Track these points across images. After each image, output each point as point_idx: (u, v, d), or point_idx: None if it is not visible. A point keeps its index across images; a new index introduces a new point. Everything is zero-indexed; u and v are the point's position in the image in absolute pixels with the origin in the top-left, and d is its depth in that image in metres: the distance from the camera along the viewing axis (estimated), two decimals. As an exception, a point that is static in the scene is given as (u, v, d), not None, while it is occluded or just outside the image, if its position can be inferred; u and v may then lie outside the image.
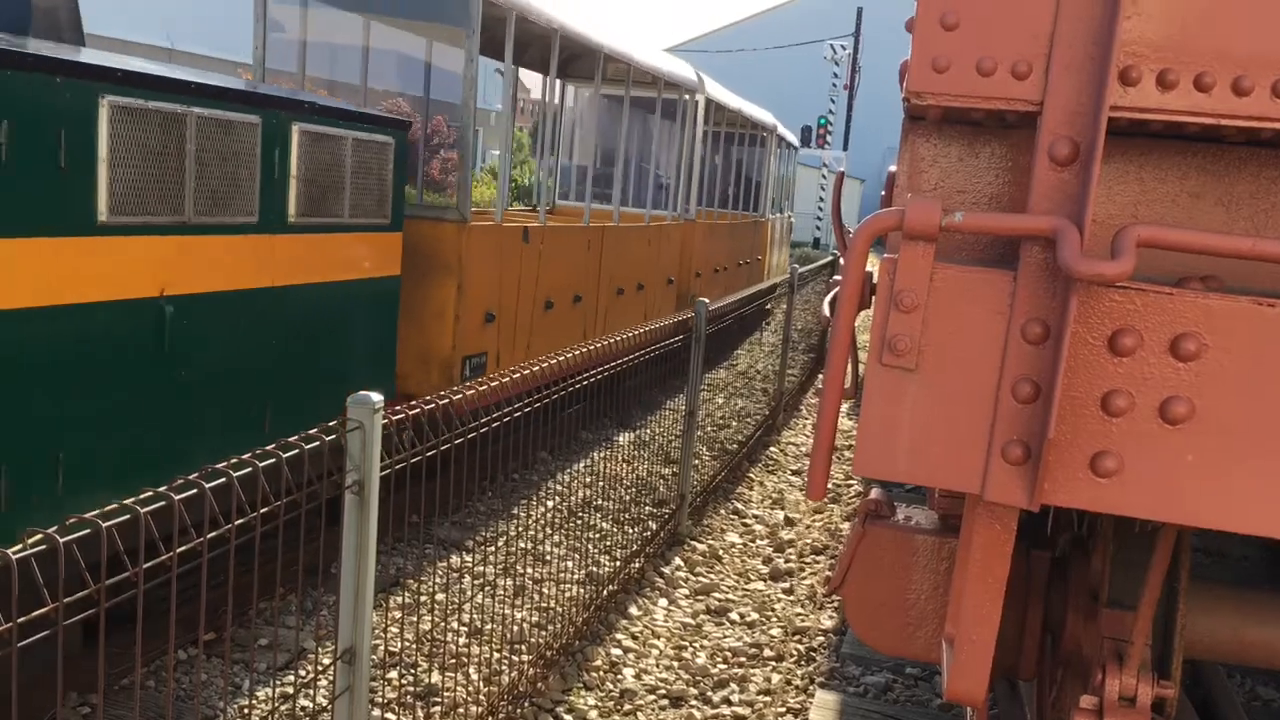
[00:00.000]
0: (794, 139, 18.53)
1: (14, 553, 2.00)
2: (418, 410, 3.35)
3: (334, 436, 2.96)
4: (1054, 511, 3.50)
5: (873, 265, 2.15)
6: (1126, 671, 2.63)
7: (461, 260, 6.94)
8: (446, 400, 3.57)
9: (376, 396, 3.02)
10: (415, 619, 4.93)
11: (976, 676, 2.33)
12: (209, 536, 2.49)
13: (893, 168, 4.51)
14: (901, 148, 2.21)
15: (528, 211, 9.35)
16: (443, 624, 4.75)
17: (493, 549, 5.65)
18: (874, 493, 3.35)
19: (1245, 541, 6.82)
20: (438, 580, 5.29)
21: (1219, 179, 2.12)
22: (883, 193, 4.08)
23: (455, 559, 6.01)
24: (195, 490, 2.43)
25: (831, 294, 3.71)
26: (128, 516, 2.23)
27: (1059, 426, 1.87)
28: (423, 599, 5.07)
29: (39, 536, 2.06)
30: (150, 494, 2.32)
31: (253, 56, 7.62)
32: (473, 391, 3.75)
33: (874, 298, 2.07)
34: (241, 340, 5.08)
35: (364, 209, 6.00)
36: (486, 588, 5.21)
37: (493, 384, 3.88)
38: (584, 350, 5.03)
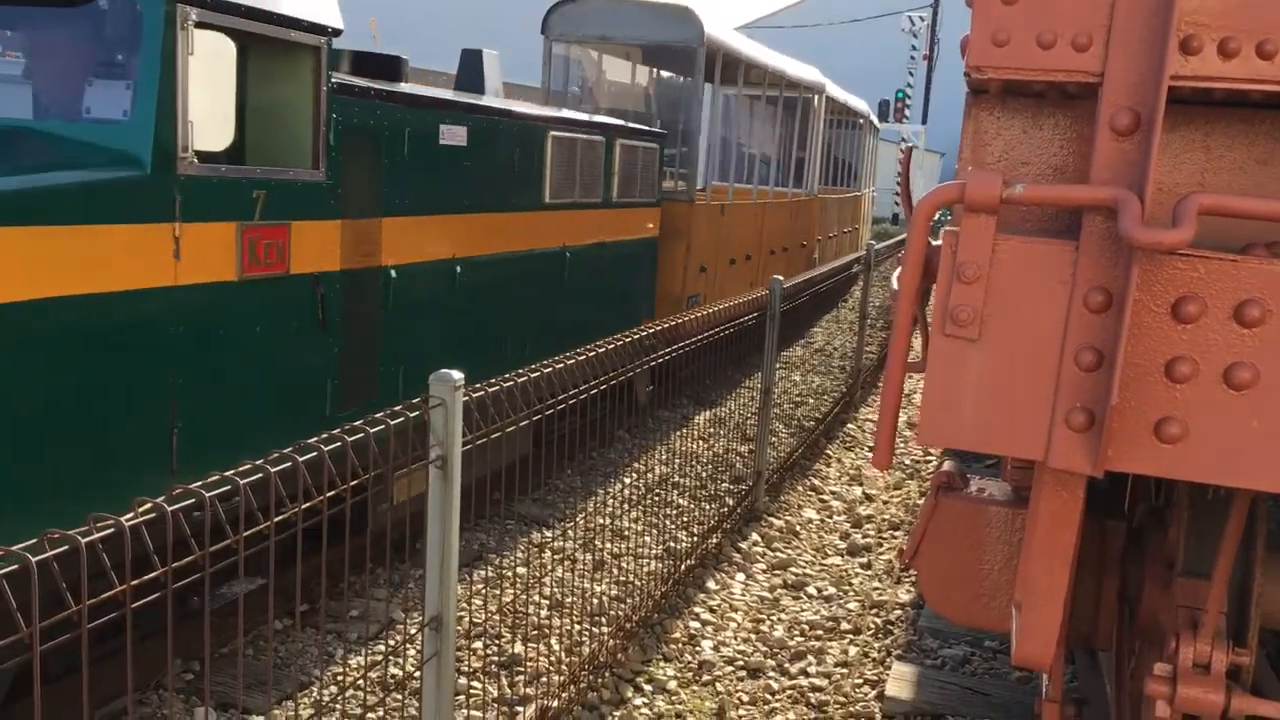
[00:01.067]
0: (875, 119, 19.93)
1: (127, 519, 2.14)
2: (497, 388, 3.46)
3: (418, 414, 3.07)
4: (1130, 483, 3.50)
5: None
6: (1201, 639, 2.64)
7: (690, 228, 9.76)
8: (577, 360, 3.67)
9: (457, 375, 3.14)
10: (499, 592, 5.08)
11: (1044, 641, 2.37)
12: (304, 506, 2.61)
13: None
14: (965, 121, 2.24)
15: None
16: (524, 596, 4.89)
17: (572, 525, 5.78)
18: (947, 465, 3.38)
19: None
20: (519, 555, 5.43)
21: None
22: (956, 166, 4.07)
23: (536, 535, 6.15)
24: (289, 464, 2.56)
25: (899, 269, 3.73)
26: (228, 488, 2.37)
27: (1122, 393, 1.90)
28: (505, 573, 5.21)
29: (148, 505, 2.21)
30: (248, 466, 2.46)
31: (542, 88, 10.59)
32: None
33: (939, 269, 2.11)
34: (593, 270, 8.05)
35: (645, 191, 8.98)
36: (566, 562, 5.34)
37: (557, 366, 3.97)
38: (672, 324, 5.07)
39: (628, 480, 6.46)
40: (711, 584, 5.88)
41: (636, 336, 4.80)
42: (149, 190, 4.03)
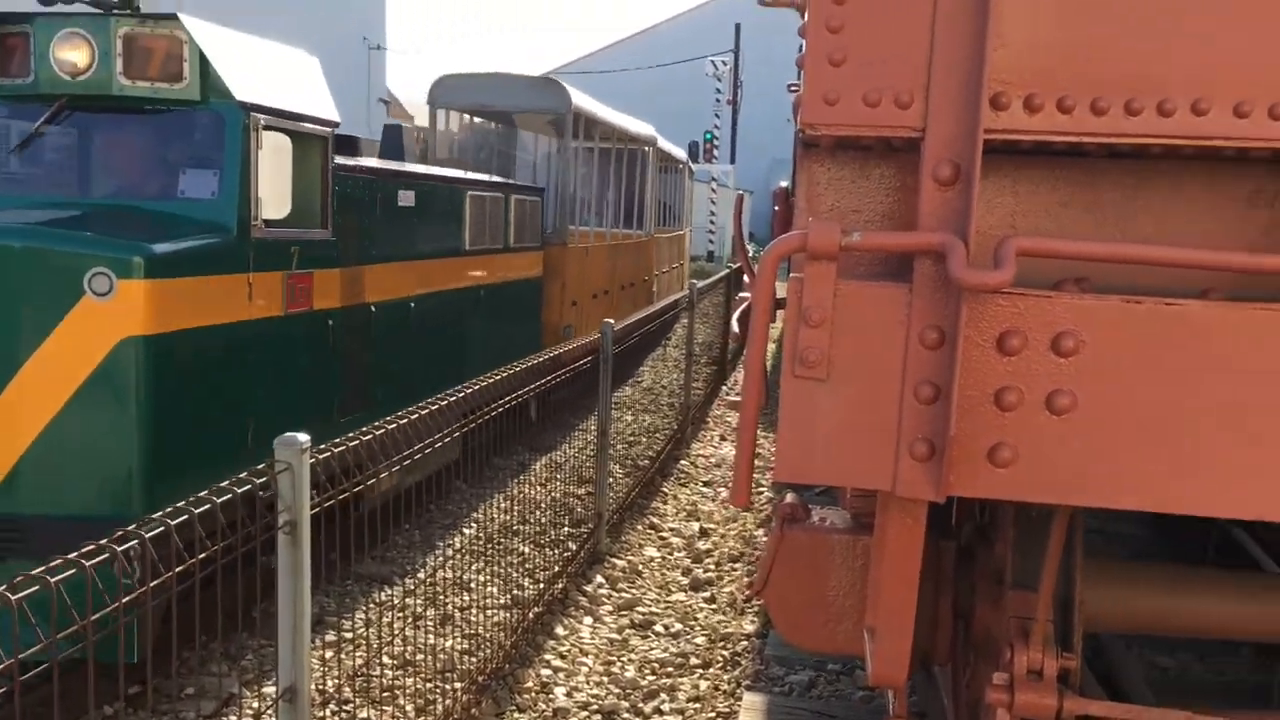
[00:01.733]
0: (689, 163, 21.24)
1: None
2: (343, 449, 3.41)
3: (264, 479, 3.00)
4: (957, 502, 3.71)
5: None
6: (1032, 648, 2.83)
7: (564, 268, 11.26)
8: (370, 436, 3.63)
9: (303, 437, 3.09)
10: (345, 656, 4.95)
11: (898, 661, 2.50)
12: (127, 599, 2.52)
13: (783, 183, 4.71)
14: (799, 173, 2.37)
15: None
16: (374, 659, 4.78)
17: (416, 581, 5.69)
18: (789, 497, 3.51)
19: (1133, 519, 7.20)
20: (364, 616, 5.31)
21: (1085, 189, 2.33)
22: (775, 207, 4.26)
23: (380, 594, 6.02)
24: (136, 541, 2.47)
25: (740, 310, 3.87)
26: (73, 571, 2.26)
27: (959, 423, 2.04)
28: (350, 635, 5.09)
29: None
30: (91, 548, 2.36)
31: (425, 151, 11.51)
32: (394, 426, 3.82)
33: (781, 313, 2.22)
34: (499, 304, 9.47)
35: (531, 238, 10.51)
36: (413, 620, 5.25)
37: (412, 417, 3.95)
38: (496, 379, 5.12)
39: (469, 531, 6.40)
40: (560, 629, 5.89)
41: (475, 388, 4.80)
42: (233, 250, 5.43)
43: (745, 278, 4.81)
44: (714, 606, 6.42)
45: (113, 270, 4.71)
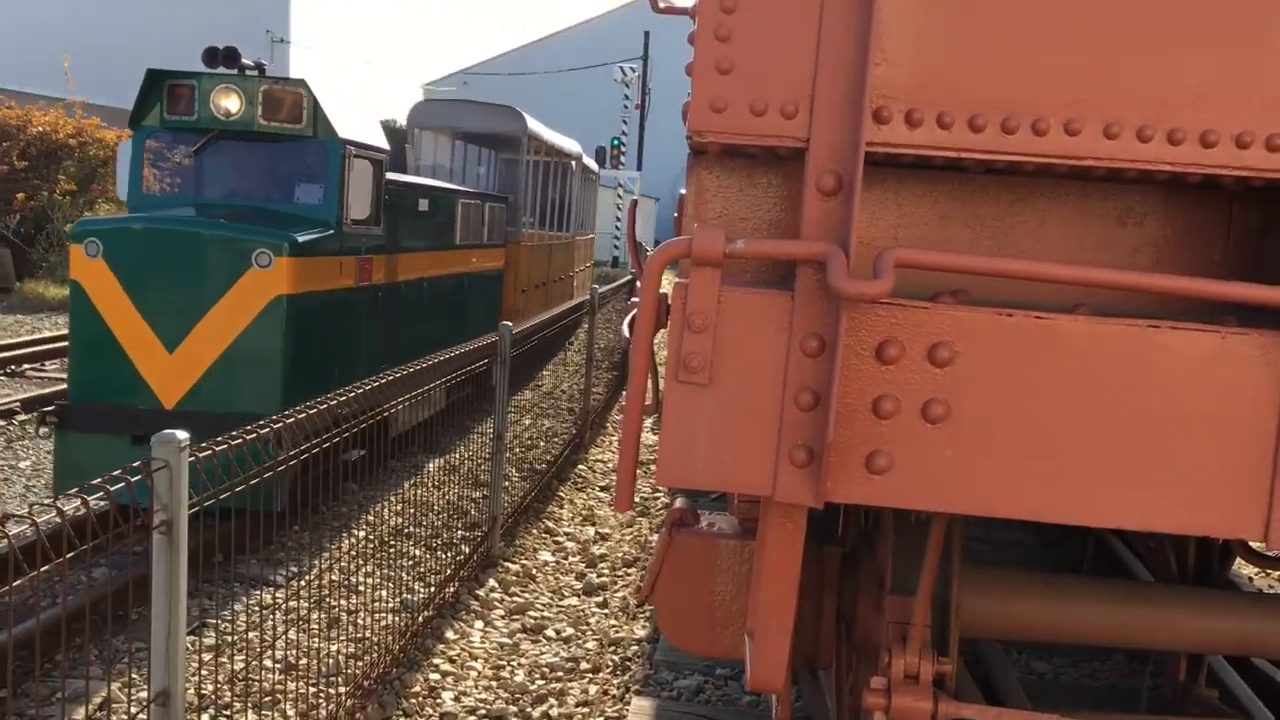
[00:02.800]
0: (597, 169, 22.91)
1: None
2: (225, 446, 3.33)
3: (139, 477, 2.92)
4: (843, 509, 3.77)
5: (668, 286, 2.32)
6: (910, 652, 2.88)
7: (518, 262, 13.53)
8: (267, 428, 3.55)
9: (182, 434, 3.00)
10: (226, 659, 4.82)
11: (776, 666, 2.53)
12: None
13: (684, 190, 4.73)
14: (688, 179, 2.39)
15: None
16: (255, 663, 4.67)
17: (303, 583, 5.57)
18: (678, 502, 3.53)
19: (1017, 527, 7.41)
20: (247, 619, 5.19)
21: (964, 204, 2.39)
22: (675, 214, 4.28)
23: (265, 596, 5.89)
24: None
25: (630, 315, 3.87)
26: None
27: (837, 430, 2.07)
28: (232, 639, 4.96)
29: None
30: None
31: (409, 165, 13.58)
32: (293, 419, 3.74)
33: (670, 318, 2.23)
34: (478, 287, 11.84)
35: (498, 236, 12.71)
36: (299, 623, 5.14)
37: (311, 411, 3.87)
38: (391, 379, 5.05)
39: (360, 534, 6.30)
40: (450, 633, 5.83)
41: (373, 386, 4.73)
42: (333, 240, 7.82)
43: (638, 283, 4.82)
44: (606, 611, 6.42)
45: (271, 250, 7.06)
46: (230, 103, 7.68)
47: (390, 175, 8.92)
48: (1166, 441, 2.05)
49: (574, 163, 17.46)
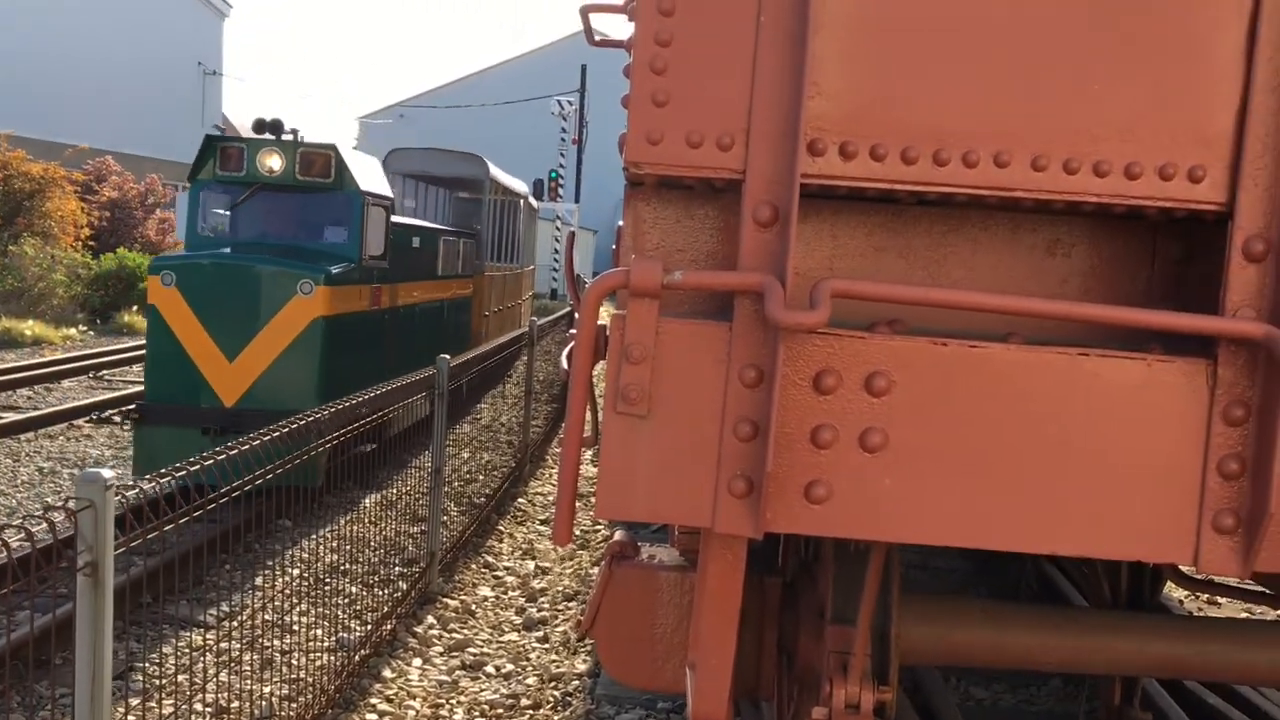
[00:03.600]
0: (535, 202, 24.21)
1: None
2: (154, 484, 3.25)
3: (64, 518, 2.83)
4: (783, 540, 3.77)
5: (606, 317, 2.31)
6: (850, 681, 2.89)
7: (482, 290, 15.32)
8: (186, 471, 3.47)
9: (109, 473, 2.93)
10: (155, 704, 4.69)
11: (717, 697, 2.51)
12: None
13: (622, 222, 4.73)
14: (625, 211, 2.39)
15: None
16: (185, 707, 4.54)
17: (235, 623, 5.44)
18: (618, 535, 3.51)
19: (954, 554, 7.48)
20: (176, 662, 5.05)
21: (898, 235, 2.42)
22: (613, 246, 4.28)
23: (196, 637, 5.74)
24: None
25: (569, 348, 3.86)
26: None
27: (776, 460, 2.07)
28: (161, 682, 4.83)
29: None
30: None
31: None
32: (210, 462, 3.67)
33: (608, 349, 2.23)
34: (453, 312, 13.29)
35: (469, 268, 14.39)
36: (231, 664, 5.02)
37: (243, 449, 3.80)
38: (330, 410, 4.98)
39: (295, 571, 6.18)
40: (388, 672, 5.72)
41: (307, 421, 4.66)
42: (355, 272, 9.48)
43: (576, 315, 4.82)
44: (547, 646, 6.35)
45: (313, 281, 8.77)
46: (273, 161, 9.47)
47: (398, 218, 11.17)
48: (1097, 468, 2.08)
49: (521, 200, 19.15)
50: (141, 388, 9.67)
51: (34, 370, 15.02)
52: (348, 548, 6.03)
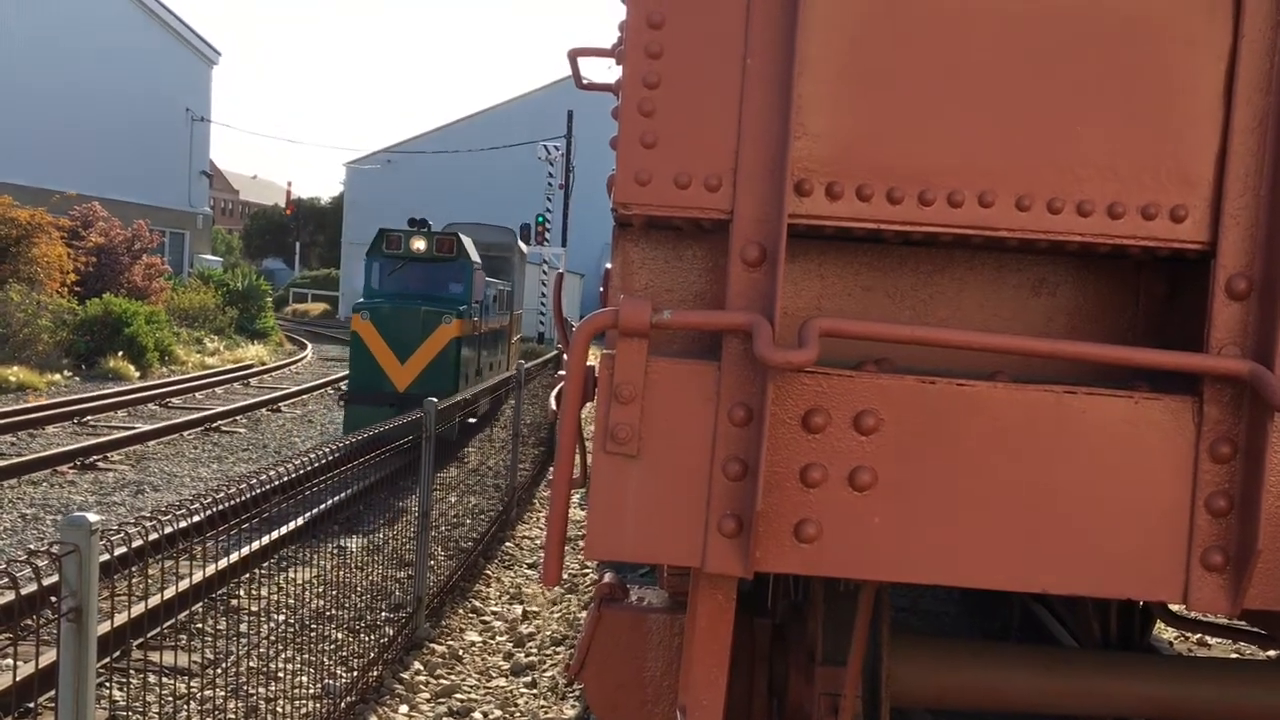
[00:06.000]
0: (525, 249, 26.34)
1: None
2: (139, 527, 3.23)
3: (47, 563, 2.81)
4: (773, 581, 3.76)
5: (594, 359, 2.32)
6: (841, 722, 2.87)
7: (512, 327, 20.36)
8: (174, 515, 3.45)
9: (94, 517, 2.90)
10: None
11: (709, 740, 2.48)
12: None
13: (609, 264, 4.76)
14: (614, 251, 2.40)
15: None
16: (168, 755, 4.48)
17: (218, 671, 5.38)
18: (607, 577, 3.49)
19: (943, 596, 7.45)
20: (160, 710, 4.99)
21: (885, 274, 2.44)
22: (600, 288, 4.29)
23: (179, 685, 5.66)
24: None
25: (558, 389, 3.86)
26: None
27: (765, 499, 2.07)
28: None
29: None
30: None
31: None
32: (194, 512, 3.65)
33: (597, 389, 2.23)
34: (500, 342, 18.68)
35: (505, 309, 19.10)
36: (214, 713, 4.95)
37: (231, 494, 3.78)
38: (312, 456, 4.96)
39: (280, 618, 6.12)
40: (373, 719, 5.65)
41: (291, 465, 4.64)
42: (467, 311, 14.84)
43: (564, 356, 4.82)
44: (535, 691, 6.29)
45: (453, 314, 14.24)
46: (420, 244, 14.94)
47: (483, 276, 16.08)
48: (1085, 505, 2.09)
49: (518, 252, 23.00)
50: (127, 433, 14.24)
51: (18, 416, 14.92)
52: (334, 593, 5.98)
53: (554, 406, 3.72)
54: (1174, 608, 3.65)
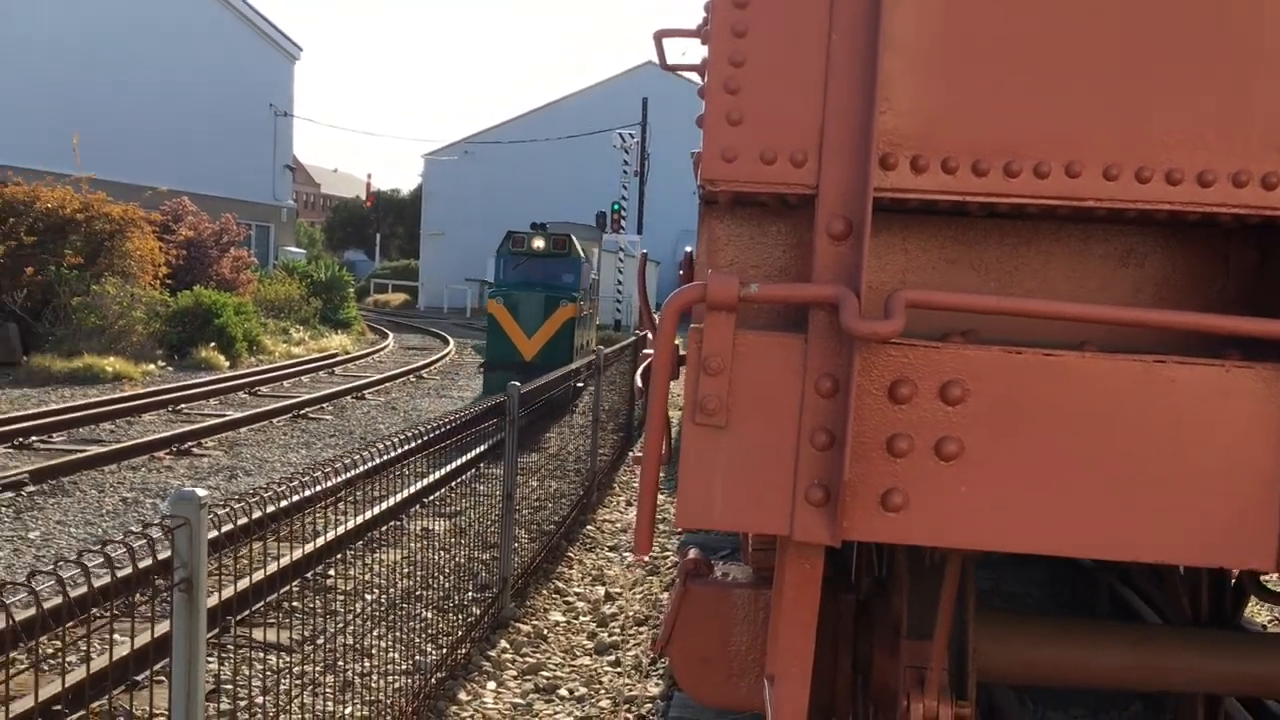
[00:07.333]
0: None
1: None
2: (243, 503, 3.36)
3: (161, 535, 2.95)
4: (856, 558, 3.78)
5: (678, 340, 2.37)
6: (928, 696, 2.89)
7: (594, 308, 22.88)
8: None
9: (202, 492, 3.04)
10: (239, 723, 4.80)
11: (797, 709, 2.53)
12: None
13: (689, 248, 4.80)
14: (700, 229, 2.45)
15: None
16: (269, 725, 4.65)
17: (314, 647, 5.55)
18: (691, 553, 3.55)
19: (1027, 579, 7.38)
20: (260, 683, 5.17)
21: (970, 247, 2.45)
22: (680, 272, 4.34)
23: (275, 660, 5.86)
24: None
25: (642, 367, 3.93)
26: None
27: (852, 469, 2.11)
28: (245, 703, 4.94)
29: None
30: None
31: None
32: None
33: (683, 367, 2.28)
34: (591, 317, 22.17)
35: (594, 294, 22.86)
36: (311, 686, 5.11)
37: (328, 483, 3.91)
38: (401, 437, 5.10)
39: (370, 597, 6.29)
40: (463, 695, 5.80)
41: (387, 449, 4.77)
42: (579, 295, 18.85)
43: (649, 335, 4.89)
44: (619, 670, 6.38)
45: (568, 300, 18.26)
46: (538, 242, 18.87)
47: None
48: (1176, 474, 2.09)
49: (599, 245, 25.95)
50: (219, 419, 14.87)
51: (116, 405, 15.45)
52: (421, 574, 6.12)
53: (639, 384, 3.78)
54: (1268, 582, 3.59)
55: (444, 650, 5.94)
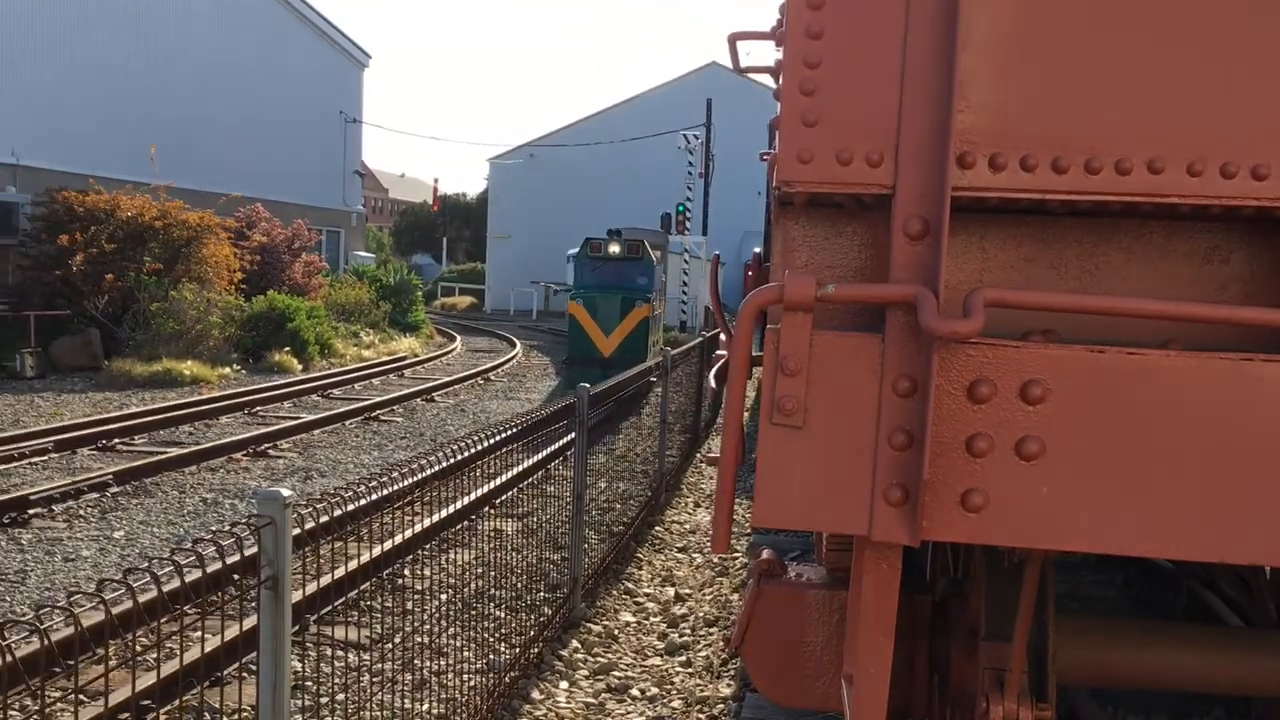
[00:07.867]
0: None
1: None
2: (324, 503, 3.44)
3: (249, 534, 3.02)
4: (932, 559, 3.76)
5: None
6: (1008, 698, 2.87)
7: (662, 307, 24.58)
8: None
9: (287, 491, 3.11)
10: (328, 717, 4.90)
11: (877, 708, 2.52)
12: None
13: (757, 249, 4.79)
14: (774, 230, 2.46)
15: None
16: (348, 722, 4.73)
17: (391, 645, 5.64)
18: (765, 553, 3.56)
19: (1105, 583, 7.25)
20: (339, 680, 5.27)
21: (1048, 245, 2.43)
22: (748, 273, 4.34)
23: (354, 657, 5.97)
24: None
25: (715, 368, 3.94)
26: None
27: (931, 469, 2.10)
28: (323, 700, 5.04)
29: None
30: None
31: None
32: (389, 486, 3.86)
33: (763, 363, 2.29)
34: (660, 317, 23.89)
35: (662, 293, 24.42)
36: (389, 684, 5.20)
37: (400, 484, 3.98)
38: (470, 440, 5.17)
39: (444, 596, 6.37)
40: (536, 694, 5.85)
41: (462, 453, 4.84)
42: (651, 296, 20.61)
43: (721, 336, 4.89)
44: (690, 670, 6.40)
45: (643, 300, 19.99)
46: (614, 247, 20.32)
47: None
48: (1265, 473, 2.05)
49: (665, 248, 27.15)
50: (293, 422, 15.11)
51: (194, 408, 15.82)
52: (493, 574, 6.19)
53: (712, 384, 3.79)
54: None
55: (517, 649, 6.00)
